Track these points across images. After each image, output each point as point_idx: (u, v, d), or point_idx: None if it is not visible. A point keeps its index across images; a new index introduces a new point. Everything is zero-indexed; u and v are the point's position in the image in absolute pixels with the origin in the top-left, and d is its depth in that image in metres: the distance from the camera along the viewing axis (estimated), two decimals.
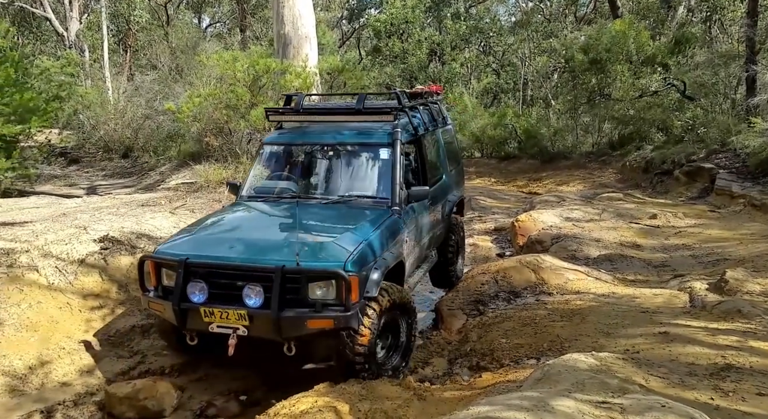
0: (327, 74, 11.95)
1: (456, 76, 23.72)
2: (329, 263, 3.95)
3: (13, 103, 10.52)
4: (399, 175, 4.90)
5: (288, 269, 3.85)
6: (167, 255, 4.25)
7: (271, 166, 5.50)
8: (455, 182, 6.56)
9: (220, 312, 3.99)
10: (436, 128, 6.18)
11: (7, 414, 3.99)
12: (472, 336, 5.29)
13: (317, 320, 3.89)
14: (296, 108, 5.48)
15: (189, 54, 17.83)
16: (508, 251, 8.42)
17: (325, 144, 5.29)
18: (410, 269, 5.04)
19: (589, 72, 15.99)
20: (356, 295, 3.92)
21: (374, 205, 4.82)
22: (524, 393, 3.30)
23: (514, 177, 15.60)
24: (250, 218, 4.97)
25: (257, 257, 4.09)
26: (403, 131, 5.19)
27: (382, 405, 3.80)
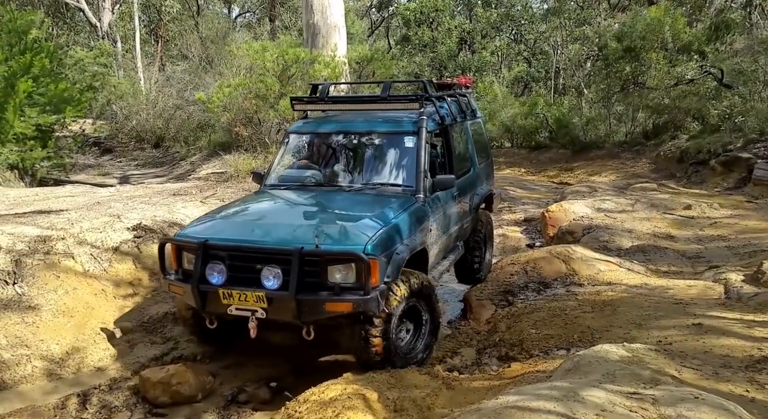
0: (356, 64, 11.93)
1: (486, 65, 23.42)
2: (349, 246, 3.92)
3: (48, 93, 10.78)
4: (424, 163, 4.85)
5: (307, 252, 3.84)
6: (187, 238, 4.28)
7: (296, 155, 5.51)
8: (484, 176, 6.43)
9: (238, 294, 3.98)
10: (465, 119, 6.07)
11: (45, 398, 4.11)
12: (501, 326, 5.28)
13: (335, 303, 3.85)
14: (321, 97, 5.47)
15: (219, 44, 18.00)
16: (538, 241, 8.34)
17: (349, 132, 5.28)
18: (435, 258, 4.98)
19: (623, 60, 15.62)
20: (376, 279, 3.87)
21: (398, 193, 4.78)
22: (554, 384, 3.29)
23: (545, 167, 15.40)
24: (272, 204, 4.98)
25: (276, 239, 4.08)
26: (429, 119, 5.13)
27: (410, 394, 3.81)
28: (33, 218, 6.27)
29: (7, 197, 8.14)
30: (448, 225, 5.26)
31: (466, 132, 6.06)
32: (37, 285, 5.04)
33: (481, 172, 6.29)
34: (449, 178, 4.95)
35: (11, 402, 3.96)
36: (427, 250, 4.62)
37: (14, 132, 10.20)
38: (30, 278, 5.05)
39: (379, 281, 3.89)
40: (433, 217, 4.80)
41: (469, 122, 6.19)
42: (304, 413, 3.60)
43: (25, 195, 8.44)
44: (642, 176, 12.74)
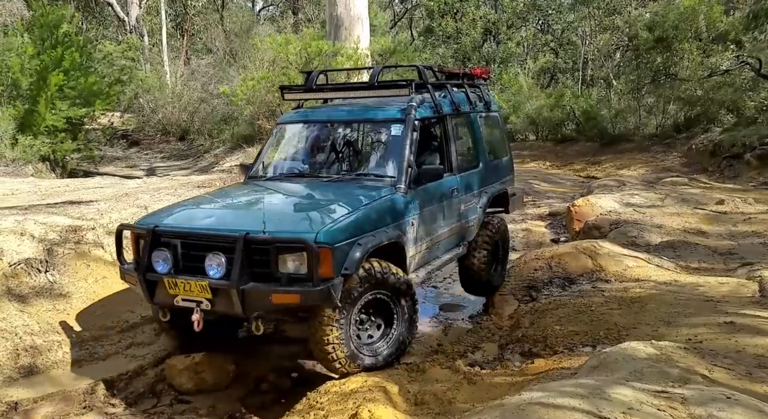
0: (378, 56, 11.89)
1: (511, 56, 23.10)
2: (298, 232, 3.63)
3: (78, 86, 11.00)
4: (409, 152, 4.50)
5: (252, 238, 3.57)
6: (140, 225, 4.10)
7: (283, 145, 5.29)
8: (496, 174, 5.92)
9: (183, 284, 3.74)
10: (473, 111, 5.63)
11: (75, 383, 4.19)
12: (524, 322, 5.22)
13: (282, 294, 3.56)
14: (308, 86, 5.19)
15: (243, 37, 18.11)
16: (563, 236, 8.21)
17: (336, 122, 5.10)
18: (418, 254, 4.58)
19: (654, 50, 15.27)
20: (329, 269, 3.56)
21: (379, 183, 4.47)
22: (579, 381, 3.24)
23: (571, 161, 15.17)
24: (240, 193, 4.74)
25: (224, 225, 3.86)
26: (421, 107, 4.80)
27: (431, 387, 3.79)
28: (64, 209, 6.40)
29: (39, 188, 8.33)
30: (439, 221, 4.88)
31: (473, 124, 5.65)
32: (68, 274, 5.15)
33: (491, 169, 5.81)
34: (436, 168, 4.62)
35: (43, 386, 4.05)
36: (403, 244, 4.27)
37: (46, 124, 10.44)
38: (61, 267, 5.16)
39: (334, 272, 3.60)
40: (416, 210, 4.48)
41: (478, 115, 5.74)
42: (325, 404, 3.61)
43: (56, 186, 8.62)
44: (672, 170, 12.46)
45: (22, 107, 10.32)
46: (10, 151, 9.95)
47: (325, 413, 3.47)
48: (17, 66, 10.15)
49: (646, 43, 15.25)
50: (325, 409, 3.53)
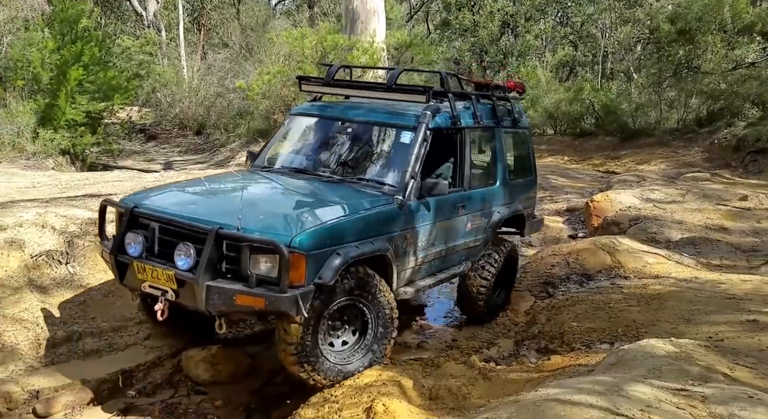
0: (394, 49, 11.83)
1: (529, 49, 22.83)
2: (271, 234, 3.41)
3: (97, 81, 11.12)
4: (414, 162, 4.26)
5: (224, 233, 3.41)
6: (123, 203, 4.00)
7: (291, 137, 5.12)
8: (513, 194, 5.47)
9: (151, 270, 3.62)
10: (497, 127, 5.27)
11: (95, 372, 4.25)
12: (541, 318, 5.18)
13: (247, 296, 3.37)
14: (326, 79, 4.99)
15: (259, 32, 18.15)
16: (581, 232, 8.12)
17: (346, 120, 4.83)
18: (407, 269, 4.33)
19: (676, 43, 15.00)
20: (300, 277, 3.38)
21: (378, 190, 4.23)
22: (596, 378, 3.21)
23: (590, 155, 14.99)
24: (234, 183, 4.58)
25: (201, 214, 3.66)
26: (437, 116, 4.53)
27: (446, 382, 3.77)
28: (84, 201, 6.47)
29: (60, 181, 8.45)
30: (439, 238, 4.60)
31: (494, 141, 5.28)
32: (88, 265, 5.21)
33: (509, 188, 5.40)
34: (440, 183, 4.27)
35: (63, 375, 4.11)
36: (391, 258, 4.02)
37: (66, 118, 10.58)
38: (81, 259, 5.23)
39: (305, 279, 3.40)
40: (412, 224, 4.24)
41: (502, 131, 5.35)
42: (339, 397, 3.61)
43: (76, 179, 8.74)
44: (694, 165, 12.24)
45: (43, 101, 10.47)
46: (31, 144, 10.11)
47: (339, 406, 3.47)
48: (38, 61, 10.29)
49: (668, 35, 14.98)
50: (339, 402, 3.53)
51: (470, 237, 4.96)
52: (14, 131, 10.06)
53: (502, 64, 22.12)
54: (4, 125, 10.05)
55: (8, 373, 4.01)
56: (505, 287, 5.60)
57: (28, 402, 3.83)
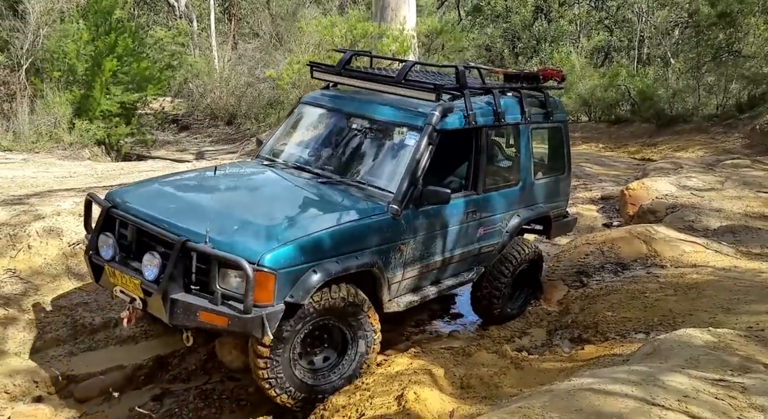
0: (425, 37, 11.70)
1: (563, 35, 22.31)
2: (239, 251, 3.17)
3: (131, 71, 11.31)
4: (416, 167, 3.91)
5: (190, 246, 3.21)
6: (107, 198, 3.87)
7: (297, 127, 4.85)
8: (541, 193, 5.08)
9: (120, 276, 3.51)
10: (524, 122, 4.78)
11: (131, 357, 4.35)
12: (574, 307, 5.11)
13: (210, 314, 3.19)
14: (337, 68, 4.67)
15: (289, 21, 18.18)
16: (616, 221, 7.97)
17: (353, 114, 4.48)
18: (402, 280, 4.03)
19: (716, 26, 14.48)
20: (268, 296, 3.18)
21: (373, 196, 3.92)
22: (632, 367, 3.16)
23: (625, 143, 14.63)
24: (226, 180, 4.32)
25: (176, 219, 3.47)
26: (448, 116, 4.13)
27: (477, 371, 3.75)
28: None
29: (96, 171, 8.65)
30: (443, 246, 4.25)
31: (519, 138, 4.82)
32: None
33: (535, 188, 4.99)
34: (442, 192, 3.85)
35: (101, 361, 4.22)
36: (379, 272, 3.74)
37: (101, 109, 10.81)
38: None
39: (274, 298, 3.19)
40: (409, 234, 3.90)
41: (530, 127, 4.87)
42: (370, 384, 3.62)
43: (112, 169, 8.93)
44: (734, 152, 11.84)
45: (79, 92, 10.70)
46: (68, 135, 10.37)
47: (371, 394, 3.48)
48: (73, 52, 10.50)
49: (707, 18, 14.47)
50: (370, 390, 3.54)
51: (483, 242, 4.58)
52: (51, 121, 10.32)
53: (534, 51, 21.68)
54: (42, 116, 10.33)
55: (48, 358, 4.13)
56: (527, 290, 5.26)
57: (67, 387, 3.94)
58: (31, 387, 3.86)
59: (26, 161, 8.97)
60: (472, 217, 4.39)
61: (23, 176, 7.59)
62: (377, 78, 4.49)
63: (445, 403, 3.28)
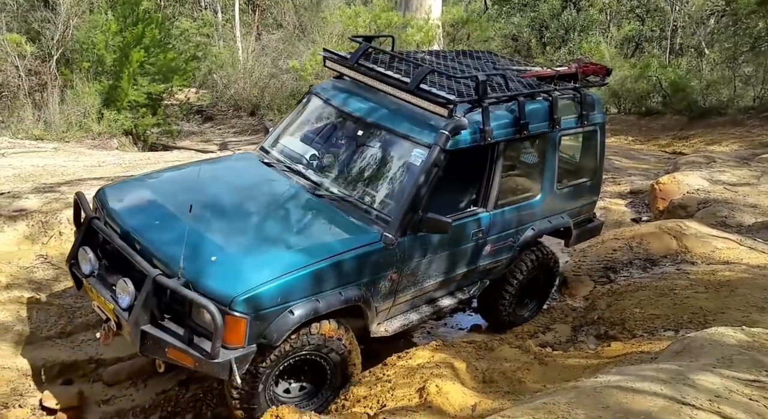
0: (450, 26, 11.55)
1: (593, 24, 21.80)
2: (212, 289, 3.00)
3: (157, 62, 11.40)
4: (416, 191, 3.53)
5: (161, 281, 3.02)
6: (93, 201, 3.73)
7: (302, 120, 4.45)
8: (561, 203, 4.66)
9: (96, 295, 3.38)
10: (552, 130, 4.29)
11: None
12: (601, 303, 5.02)
13: (177, 352, 3.03)
14: (351, 60, 4.21)
15: (312, 11, 18.13)
16: (645, 216, 7.79)
17: (359, 118, 4.02)
18: (392, 307, 3.77)
19: (755, 14, 13.99)
20: (239, 339, 3.00)
21: (369, 219, 3.59)
22: (660, 366, 3.10)
23: (656, 135, 14.27)
24: (216, 181, 3.98)
25: (152, 242, 3.27)
26: (458, 134, 3.68)
27: (500, 366, 3.70)
28: None
29: (123, 160, 8.76)
30: (441, 269, 3.93)
31: (546, 147, 4.35)
32: None
33: (553, 199, 4.54)
34: (442, 222, 3.50)
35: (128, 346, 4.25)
36: (365, 305, 3.49)
37: (128, 100, 10.94)
38: None
39: (245, 341, 3.02)
40: (402, 263, 3.60)
41: (559, 134, 4.38)
42: (392, 376, 3.60)
43: (138, 159, 9.04)
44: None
45: (107, 82, 10.85)
46: (97, 125, 10.53)
47: (392, 385, 3.46)
48: (102, 43, 10.63)
49: (746, 6, 13.98)
50: (392, 382, 3.52)
51: (489, 259, 4.24)
52: (81, 111, 10.49)
53: (563, 40, 21.23)
54: (72, 106, 10.50)
55: (78, 342, 4.20)
56: (538, 297, 4.97)
57: (96, 370, 4.01)
58: (62, 370, 3.94)
59: (57, 150, 9.13)
60: (478, 237, 4.01)
61: (54, 165, 7.73)
62: (389, 80, 3.97)
63: (467, 397, 3.24)
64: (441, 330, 4.93)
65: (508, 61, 5.12)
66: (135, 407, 3.75)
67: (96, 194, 3.86)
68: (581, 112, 4.50)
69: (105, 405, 3.76)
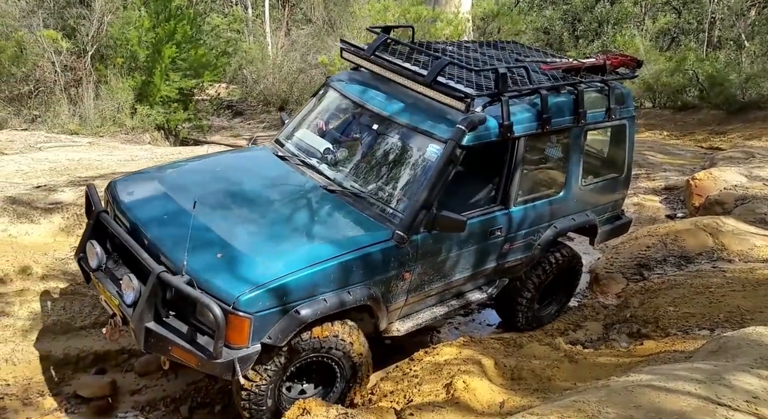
0: (480, 20, 11.41)
1: (627, 17, 21.29)
2: (217, 288, 2.94)
3: (189, 58, 11.54)
4: (430, 189, 3.41)
5: (165, 278, 2.96)
6: (107, 187, 3.73)
7: (317, 113, 4.33)
8: (587, 200, 4.47)
9: (103, 290, 3.36)
10: (576, 125, 4.12)
11: None
12: (633, 301, 4.91)
13: (181, 350, 2.98)
14: (368, 52, 4.08)
15: (341, 6, 18.14)
16: (680, 212, 7.59)
17: (373, 112, 3.90)
18: (404, 306, 3.66)
19: None
20: (242, 339, 2.94)
21: (379, 218, 3.47)
22: (695, 365, 3.01)
23: (692, 130, 13.87)
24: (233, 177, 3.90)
25: (159, 238, 3.24)
26: (476, 129, 3.54)
27: (529, 363, 3.64)
28: None
29: (156, 154, 8.92)
30: (456, 268, 3.81)
31: (570, 141, 4.20)
32: None
33: (578, 196, 4.36)
34: (456, 220, 3.38)
35: None
36: (375, 305, 3.38)
37: (161, 95, 11.10)
38: None
39: (249, 341, 2.95)
40: (414, 261, 3.49)
41: (584, 129, 4.22)
42: (419, 372, 3.58)
43: (170, 153, 9.18)
44: None
45: (140, 78, 11.03)
46: (130, 120, 10.72)
47: (419, 381, 3.44)
48: (135, 39, 10.81)
49: None
50: (418, 377, 3.50)
51: (508, 258, 4.10)
52: (114, 106, 10.70)
53: (596, 34, 20.79)
54: (106, 101, 10.72)
55: None
56: (559, 299, 4.78)
57: (128, 360, 4.09)
58: (95, 360, 4.03)
59: (91, 145, 9.34)
60: (496, 235, 3.87)
61: (89, 159, 7.91)
62: (407, 73, 3.83)
63: (494, 394, 3.20)
64: (468, 326, 4.88)
65: (536, 52, 4.96)
66: (166, 397, 3.81)
67: (107, 186, 3.84)
68: (609, 105, 4.32)
69: (137, 395, 3.83)
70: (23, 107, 10.52)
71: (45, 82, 10.84)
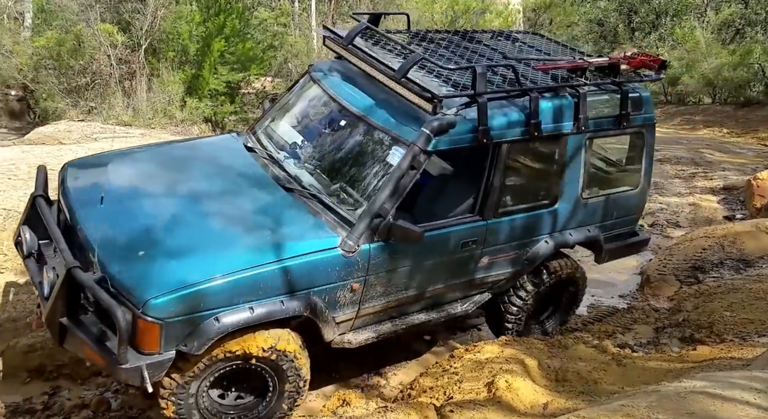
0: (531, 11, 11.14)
1: (687, 8, 20.31)
2: (128, 288, 2.73)
3: (236, 52, 11.75)
4: (388, 196, 3.13)
5: (75, 275, 2.73)
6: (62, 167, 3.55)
7: (295, 101, 4.06)
8: (588, 214, 4.03)
9: (32, 275, 3.16)
10: (575, 132, 3.71)
11: None
12: (687, 305, 4.71)
13: (92, 352, 2.77)
14: (346, 39, 3.75)
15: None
16: (740, 214, 7.25)
17: (344, 106, 3.61)
18: (351, 318, 3.33)
19: None
20: (152, 345, 2.71)
21: (334, 222, 3.19)
22: (753, 373, 2.86)
23: (755, 128, 13.17)
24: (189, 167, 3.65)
25: (88, 225, 3.02)
26: (444, 133, 3.22)
27: (574, 365, 3.52)
28: None
29: None
30: (420, 280, 3.47)
31: (568, 150, 3.76)
32: None
33: (576, 209, 3.95)
34: (411, 231, 3.08)
35: None
36: (316, 317, 3.10)
37: (209, 88, 11.34)
38: None
39: (161, 347, 2.72)
40: (365, 272, 3.18)
41: (592, 135, 3.83)
42: (459, 369, 3.53)
43: None
44: None
45: (190, 71, 11.29)
46: (180, 112, 10.99)
47: (459, 378, 3.38)
48: (186, 33, 11.07)
49: None
50: (459, 374, 3.45)
51: (489, 272, 3.75)
52: (165, 99, 10.98)
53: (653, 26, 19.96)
54: (158, 94, 11.01)
55: None
56: (561, 311, 4.38)
57: None
58: None
59: (143, 136, 9.60)
60: (469, 247, 3.53)
61: None
62: (378, 66, 3.50)
63: (538, 395, 3.11)
64: None
65: (558, 46, 4.47)
66: None
67: (61, 168, 3.62)
68: (622, 111, 3.87)
69: None
70: (80, 99, 10.93)
71: (101, 74, 11.22)
